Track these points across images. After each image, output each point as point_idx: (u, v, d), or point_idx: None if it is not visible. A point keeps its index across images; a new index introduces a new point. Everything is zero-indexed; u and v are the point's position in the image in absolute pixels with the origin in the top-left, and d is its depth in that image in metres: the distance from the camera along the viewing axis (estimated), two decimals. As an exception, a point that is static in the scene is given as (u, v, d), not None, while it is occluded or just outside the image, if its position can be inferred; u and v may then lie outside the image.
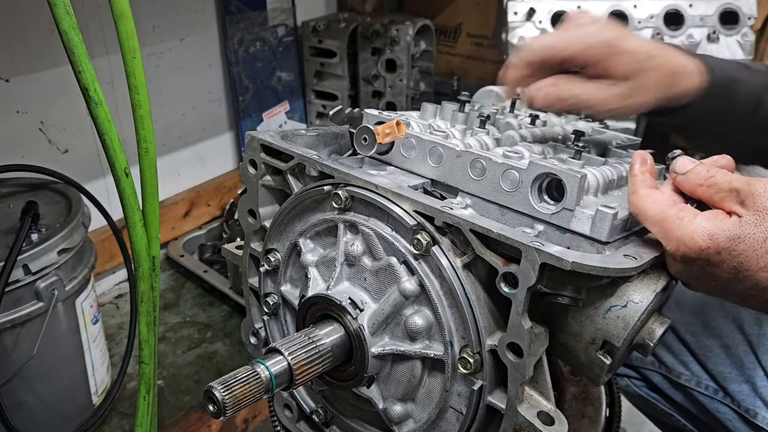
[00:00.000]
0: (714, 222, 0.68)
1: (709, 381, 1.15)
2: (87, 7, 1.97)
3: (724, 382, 1.13)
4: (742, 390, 1.11)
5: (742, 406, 1.11)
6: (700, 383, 1.17)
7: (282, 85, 2.77)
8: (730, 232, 0.67)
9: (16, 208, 1.53)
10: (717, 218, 0.69)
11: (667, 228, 0.70)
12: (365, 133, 0.83)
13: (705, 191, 0.73)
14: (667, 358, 1.21)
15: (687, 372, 1.19)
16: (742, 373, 1.12)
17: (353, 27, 2.68)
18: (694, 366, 1.18)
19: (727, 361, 1.14)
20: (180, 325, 2.16)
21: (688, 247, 0.68)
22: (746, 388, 1.11)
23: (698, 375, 1.17)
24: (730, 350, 1.14)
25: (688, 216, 0.70)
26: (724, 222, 0.68)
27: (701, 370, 1.17)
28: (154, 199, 1.12)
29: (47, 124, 2.01)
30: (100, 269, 2.16)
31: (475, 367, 0.73)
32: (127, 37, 0.99)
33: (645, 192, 0.74)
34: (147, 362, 1.23)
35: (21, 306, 1.42)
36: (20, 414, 1.47)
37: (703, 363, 1.16)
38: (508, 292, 0.69)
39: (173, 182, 2.48)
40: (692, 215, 0.70)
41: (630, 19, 2.12)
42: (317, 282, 0.85)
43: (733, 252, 0.67)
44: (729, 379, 1.13)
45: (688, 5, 2.13)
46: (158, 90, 2.32)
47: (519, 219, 0.77)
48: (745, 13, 2.12)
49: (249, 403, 0.71)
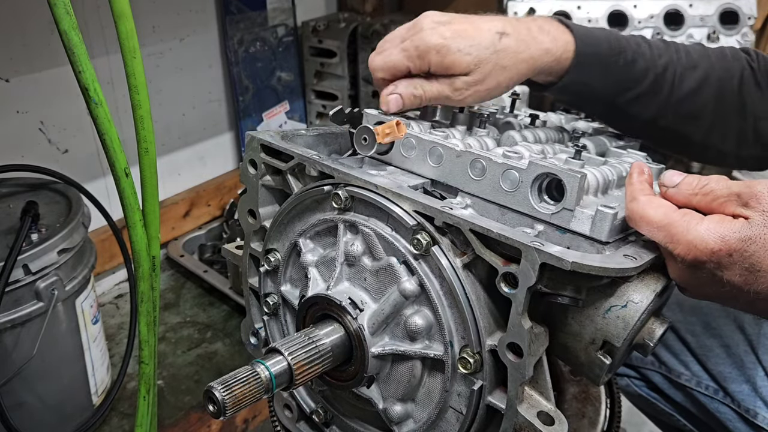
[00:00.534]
0: (723, 224, 0.68)
1: (710, 381, 1.15)
2: (87, 7, 1.97)
3: (724, 382, 1.13)
4: (743, 390, 1.11)
5: (742, 406, 1.11)
6: (700, 383, 1.17)
7: (282, 85, 2.77)
8: (741, 233, 0.66)
9: (16, 208, 1.53)
10: (724, 221, 0.68)
11: (674, 232, 0.69)
12: (365, 133, 0.83)
13: (701, 199, 0.72)
14: (667, 358, 1.21)
15: (687, 372, 1.19)
16: (743, 373, 1.12)
17: (353, 27, 2.68)
18: (695, 366, 1.18)
19: (727, 361, 1.14)
20: (180, 325, 2.16)
21: (699, 251, 0.68)
22: (746, 388, 1.11)
23: (698, 375, 1.17)
24: (731, 350, 1.14)
25: (694, 219, 0.69)
26: (733, 224, 0.67)
27: (701, 370, 1.17)
28: (154, 199, 1.12)
29: (47, 124, 2.01)
30: (100, 269, 2.16)
31: (475, 367, 0.73)
32: (127, 37, 0.99)
33: (645, 198, 0.73)
34: (147, 362, 1.23)
35: (21, 306, 1.42)
36: (20, 414, 1.47)
37: (704, 363, 1.16)
38: (508, 292, 0.69)
39: (173, 182, 2.48)
40: (698, 219, 0.69)
41: (630, 19, 2.12)
42: (317, 282, 0.85)
43: (745, 253, 0.66)
44: (729, 379, 1.13)
45: (688, 5, 2.13)
46: (158, 90, 2.32)
47: (519, 219, 0.77)
48: (745, 13, 2.12)
49: (249, 403, 0.71)
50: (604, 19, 2.13)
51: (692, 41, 2.12)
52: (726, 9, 2.12)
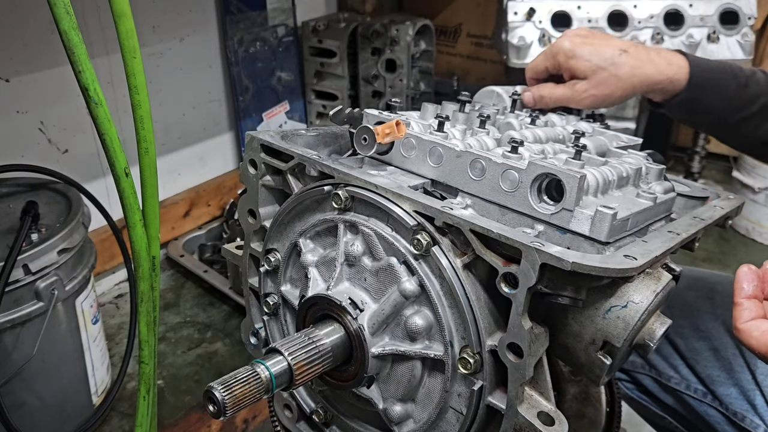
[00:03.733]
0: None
1: (698, 384, 1.16)
2: (87, 7, 1.97)
3: (712, 385, 1.13)
4: (731, 393, 1.11)
5: (730, 410, 1.11)
6: (689, 386, 1.17)
7: (282, 85, 2.77)
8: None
9: (16, 208, 1.53)
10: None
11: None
12: (365, 133, 0.83)
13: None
14: (657, 362, 1.21)
15: (676, 375, 1.19)
16: (731, 376, 1.12)
17: (353, 27, 2.68)
18: (684, 369, 1.18)
19: (716, 364, 1.14)
20: (180, 325, 2.16)
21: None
22: (734, 391, 1.11)
23: (687, 378, 1.18)
24: (719, 353, 1.14)
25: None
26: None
27: (690, 373, 1.17)
28: (154, 199, 1.12)
29: (47, 124, 2.01)
30: (100, 269, 2.16)
31: (475, 368, 0.73)
32: (127, 37, 0.99)
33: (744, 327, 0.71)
34: (147, 362, 1.23)
35: (21, 306, 1.42)
36: (20, 414, 1.47)
37: (692, 366, 1.17)
38: (508, 293, 0.69)
39: (173, 182, 2.48)
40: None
41: (630, 19, 2.12)
42: (317, 282, 0.85)
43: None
44: (717, 383, 1.13)
45: (688, 5, 2.13)
46: (158, 90, 2.32)
47: (519, 219, 0.77)
48: (745, 13, 2.12)
49: (249, 403, 0.71)
50: (604, 19, 2.13)
51: (692, 41, 2.12)
52: (726, 9, 2.12)
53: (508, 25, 2.13)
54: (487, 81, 2.83)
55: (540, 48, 2.12)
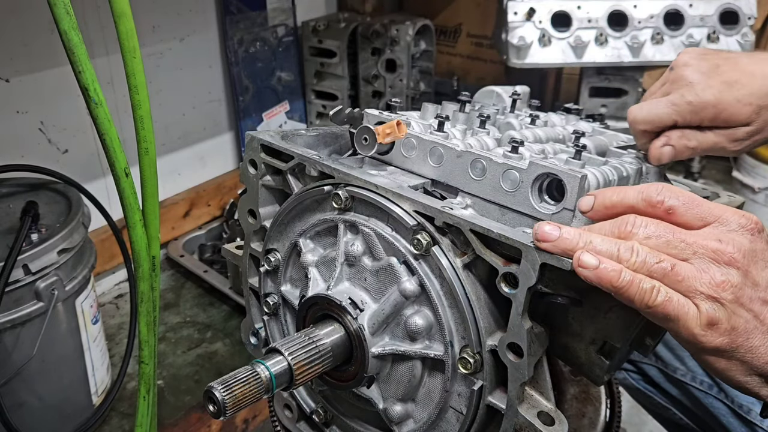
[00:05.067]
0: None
1: (704, 376, 1.17)
2: (87, 7, 1.97)
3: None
4: None
5: (735, 402, 1.12)
6: (695, 378, 1.18)
7: (282, 85, 2.77)
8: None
9: (16, 208, 1.53)
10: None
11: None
12: (365, 133, 0.83)
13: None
14: (663, 353, 1.22)
15: (683, 367, 1.20)
16: None
17: (353, 27, 2.68)
18: (690, 361, 1.19)
19: None
20: (180, 325, 2.16)
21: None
22: None
23: (693, 370, 1.18)
24: None
25: None
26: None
27: (696, 365, 1.18)
28: (154, 199, 1.12)
29: (47, 124, 2.01)
30: (100, 269, 2.16)
31: (475, 367, 0.73)
32: (127, 37, 0.99)
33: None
34: (147, 362, 1.23)
35: (21, 306, 1.42)
36: (20, 414, 1.47)
37: None
38: (508, 293, 0.69)
39: (173, 182, 2.48)
40: None
41: (630, 19, 2.12)
42: (317, 282, 0.85)
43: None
44: None
45: (688, 5, 2.13)
46: (158, 90, 2.31)
47: (519, 219, 0.76)
48: (745, 13, 2.12)
49: (249, 403, 0.71)
50: (605, 19, 2.13)
51: (692, 41, 2.12)
52: (726, 9, 2.12)
53: (508, 25, 2.13)
54: (487, 81, 2.83)
55: (540, 48, 2.12)
